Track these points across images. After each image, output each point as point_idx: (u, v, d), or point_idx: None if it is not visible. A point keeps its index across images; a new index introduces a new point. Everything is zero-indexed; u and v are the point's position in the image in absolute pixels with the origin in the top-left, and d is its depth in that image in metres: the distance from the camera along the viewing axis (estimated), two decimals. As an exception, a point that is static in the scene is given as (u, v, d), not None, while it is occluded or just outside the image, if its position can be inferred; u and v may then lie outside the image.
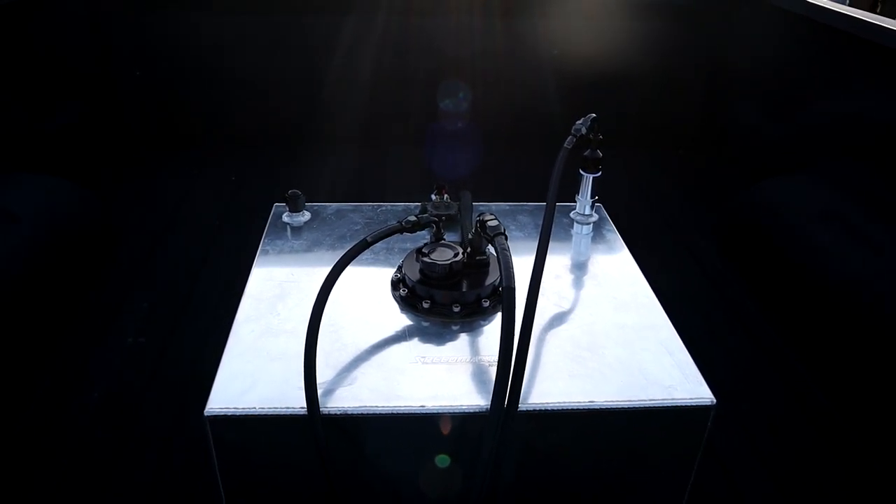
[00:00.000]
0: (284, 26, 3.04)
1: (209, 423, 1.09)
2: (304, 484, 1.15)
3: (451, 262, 1.28)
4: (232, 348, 1.22)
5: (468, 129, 3.23)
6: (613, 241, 1.58)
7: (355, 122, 3.17)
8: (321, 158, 3.07)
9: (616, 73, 3.12)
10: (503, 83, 3.13)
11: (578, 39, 3.06)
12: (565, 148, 1.39)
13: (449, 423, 1.09)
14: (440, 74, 3.11)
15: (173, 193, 2.77)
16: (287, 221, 1.60)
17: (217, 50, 3.05)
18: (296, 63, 3.11)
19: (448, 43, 3.06)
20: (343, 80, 3.12)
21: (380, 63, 3.11)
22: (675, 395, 1.13)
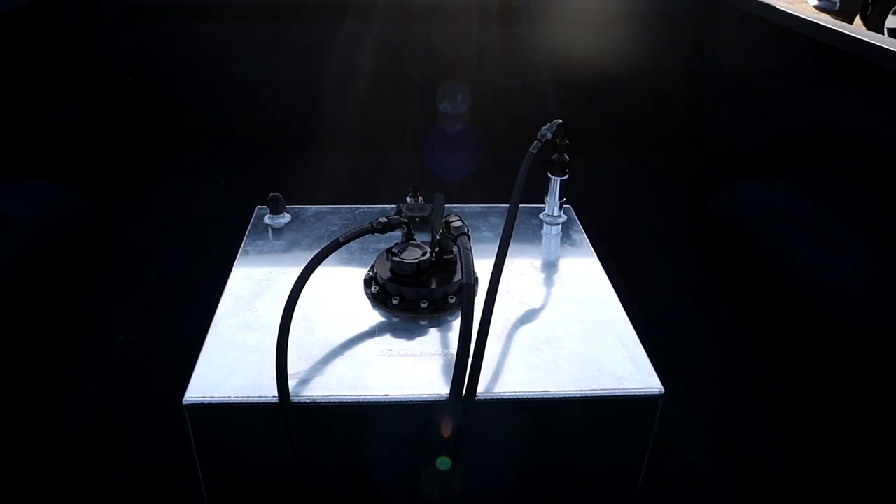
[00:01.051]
0: (280, 33, 3.11)
1: (187, 410, 1.16)
2: (277, 468, 1.22)
3: (418, 260, 1.36)
4: (211, 341, 1.29)
5: (465, 132, 3.30)
6: (580, 241, 1.65)
7: (351, 126, 3.25)
8: (317, 162, 3.14)
9: (598, 79, 3.20)
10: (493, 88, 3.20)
11: (562, 46, 3.13)
12: (530, 153, 1.46)
13: (411, 411, 1.17)
14: (436, 79, 3.18)
15: (168, 197, 2.85)
16: (268, 223, 1.68)
17: (213, 56, 3.12)
18: (291, 68, 3.18)
19: (442, 48, 3.13)
20: (339, 86, 3.19)
21: (375, 68, 3.18)
22: (625, 385, 1.20)
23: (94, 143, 3.08)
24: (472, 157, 3.20)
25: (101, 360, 1.92)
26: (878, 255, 1.88)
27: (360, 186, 2.95)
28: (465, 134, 3.30)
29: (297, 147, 3.24)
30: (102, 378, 1.85)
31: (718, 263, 2.39)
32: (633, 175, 3.16)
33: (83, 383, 1.83)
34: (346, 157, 3.20)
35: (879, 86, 2.13)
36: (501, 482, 1.28)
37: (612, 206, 2.87)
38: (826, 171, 2.27)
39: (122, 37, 3.06)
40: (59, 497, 1.54)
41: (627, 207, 2.87)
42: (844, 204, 2.08)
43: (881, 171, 2.11)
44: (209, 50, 3.11)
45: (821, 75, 2.42)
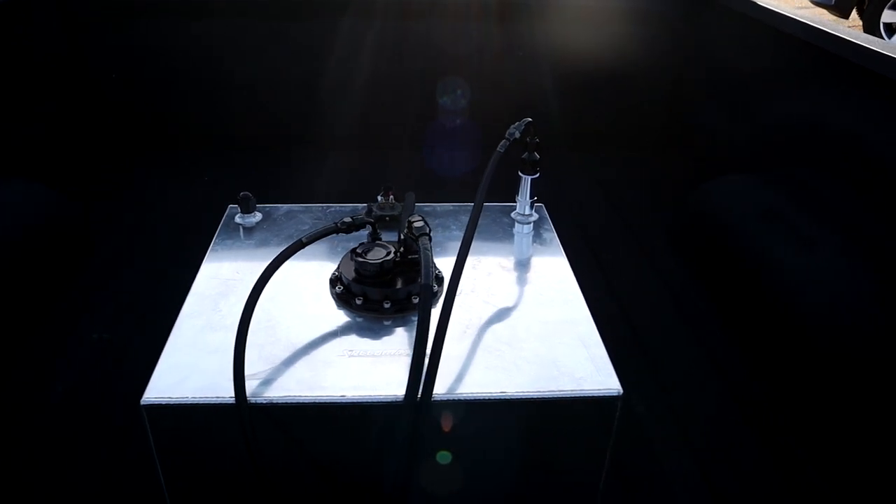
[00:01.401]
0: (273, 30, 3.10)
1: (145, 411, 1.16)
2: (238, 469, 1.22)
3: (382, 260, 1.36)
4: (173, 342, 1.29)
5: (464, 129, 3.28)
6: (550, 240, 1.65)
7: (347, 125, 3.23)
8: (313, 161, 3.13)
9: (583, 77, 3.19)
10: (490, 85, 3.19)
11: (550, 43, 3.13)
12: (498, 152, 1.46)
13: (368, 412, 1.17)
14: (434, 77, 3.17)
15: (151, 196, 2.85)
16: (238, 222, 1.68)
17: (199, 53, 3.11)
18: (285, 66, 3.17)
19: (440, 45, 3.12)
20: (334, 83, 3.18)
21: (374, 66, 3.17)
22: (584, 386, 1.20)
23: (76, 141, 3.07)
24: (471, 154, 3.19)
25: (73, 359, 1.92)
26: (853, 255, 1.88)
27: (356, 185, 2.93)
28: (464, 131, 3.29)
29: (290, 146, 3.23)
30: (74, 377, 1.86)
31: (698, 262, 2.39)
32: (619, 172, 3.15)
33: (54, 382, 1.84)
34: (343, 156, 3.19)
35: (862, 86, 2.12)
36: (460, 483, 1.28)
37: (596, 203, 2.87)
38: (807, 170, 2.27)
39: (105, 34, 3.06)
40: (25, 496, 1.55)
41: (612, 204, 2.87)
42: (823, 203, 2.08)
43: (861, 171, 2.10)
44: (195, 47, 3.11)
45: (804, 74, 2.42)
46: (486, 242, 1.62)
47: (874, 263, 1.85)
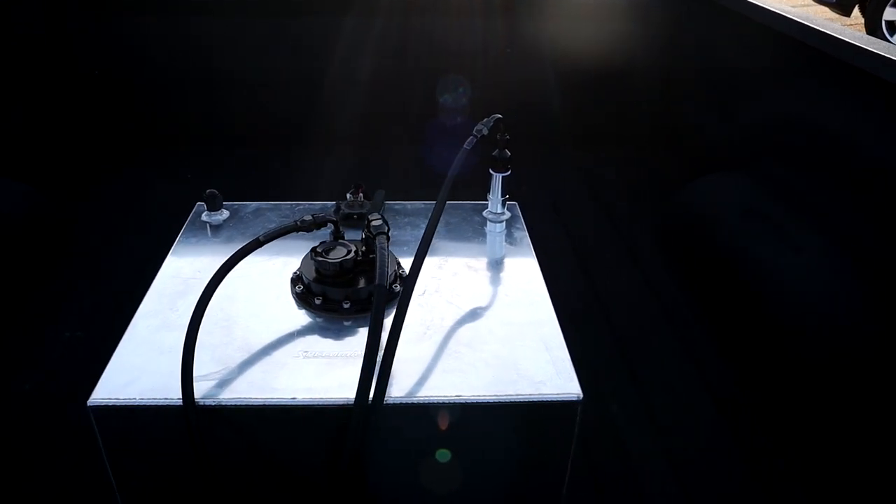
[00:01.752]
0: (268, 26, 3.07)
1: (92, 412, 1.14)
2: (186, 471, 1.20)
3: (341, 260, 1.33)
4: (126, 342, 1.27)
5: (464, 126, 3.24)
6: (521, 239, 1.61)
7: (346, 122, 3.20)
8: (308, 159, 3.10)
9: (570, 72, 3.15)
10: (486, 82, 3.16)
11: (530, 40, 3.09)
12: (464, 149, 1.43)
13: (319, 414, 1.14)
14: (430, 74, 3.13)
15: (133, 195, 2.82)
16: (205, 220, 1.65)
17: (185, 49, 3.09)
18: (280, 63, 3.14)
19: (435, 43, 3.09)
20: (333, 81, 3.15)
21: (372, 63, 3.13)
22: (542, 390, 1.17)
23: (58, 138, 3.05)
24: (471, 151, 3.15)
25: (44, 357, 1.90)
26: (838, 255, 1.84)
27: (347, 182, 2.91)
28: (461, 129, 3.25)
29: (288, 144, 3.19)
30: (43, 375, 1.84)
31: (682, 261, 2.36)
32: (608, 170, 3.12)
33: (22, 379, 1.82)
34: (343, 154, 3.16)
35: (849, 84, 2.08)
36: (418, 489, 1.25)
37: (583, 201, 2.84)
38: (790, 169, 2.23)
39: (91, 29, 3.03)
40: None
41: (599, 202, 2.84)
42: (809, 204, 2.04)
43: (849, 172, 2.06)
44: (187, 44, 3.08)
45: (794, 73, 2.37)
46: (455, 241, 1.59)
47: (859, 264, 1.81)
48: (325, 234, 1.41)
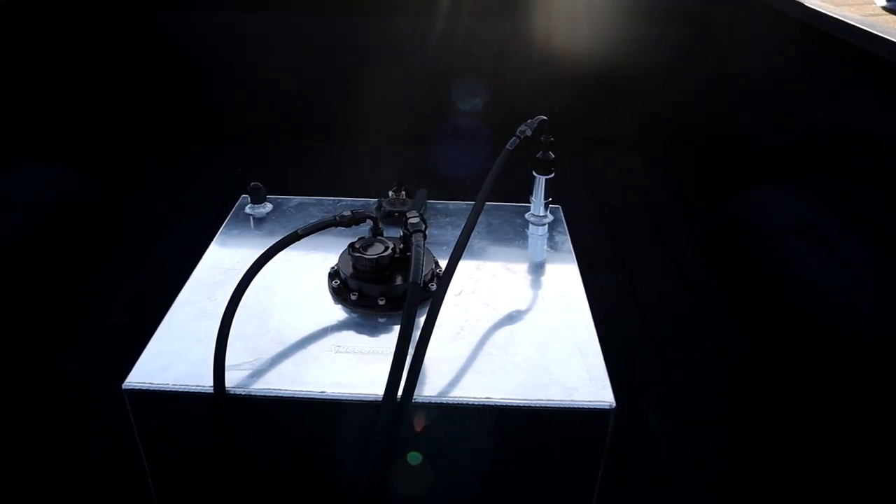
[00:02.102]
0: (305, 25, 3.11)
1: (126, 395, 1.16)
2: (215, 457, 1.21)
3: (378, 256, 1.33)
4: (164, 328, 1.29)
5: (482, 129, 3.24)
6: (562, 243, 1.59)
7: (393, 120, 3.22)
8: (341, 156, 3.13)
9: (620, 76, 3.11)
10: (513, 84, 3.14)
11: (583, 41, 3.05)
12: (507, 150, 1.41)
13: (347, 410, 1.14)
14: (458, 74, 3.13)
15: (183, 185, 2.88)
16: (249, 213, 1.67)
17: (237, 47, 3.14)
18: (317, 61, 3.18)
19: (464, 42, 3.09)
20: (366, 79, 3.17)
21: (406, 62, 3.15)
22: (574, 397, 1.15)
23: (113, 129, 3.12)
24: (489, 154, 3.13)
25: (90, 342, 1.94)
26: (888, 269, 1.76)
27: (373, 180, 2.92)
28: (482, 131, 3.23)
29: (325, 141, 3.22)
30: (88, 357, 1.88)
31: (726, 271, 2.29)
32: (650, 175, 3.07)
33: (68, 360, 1.86)
34: (379, 152, 3.18)
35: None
36: (440, 491, 1.24)
37: (627, 207, 2.80)
38: (845, 181, 2.15)
39: (148, 24, 3.10)
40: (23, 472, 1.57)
41: (643, 209, 2.79)
42: (859, 216, 1.97)
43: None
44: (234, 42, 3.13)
45: (851, 80, 2.29)
46: (495, 243, 1.57)
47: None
48: (367, 230, 1.41)
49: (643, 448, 1.67)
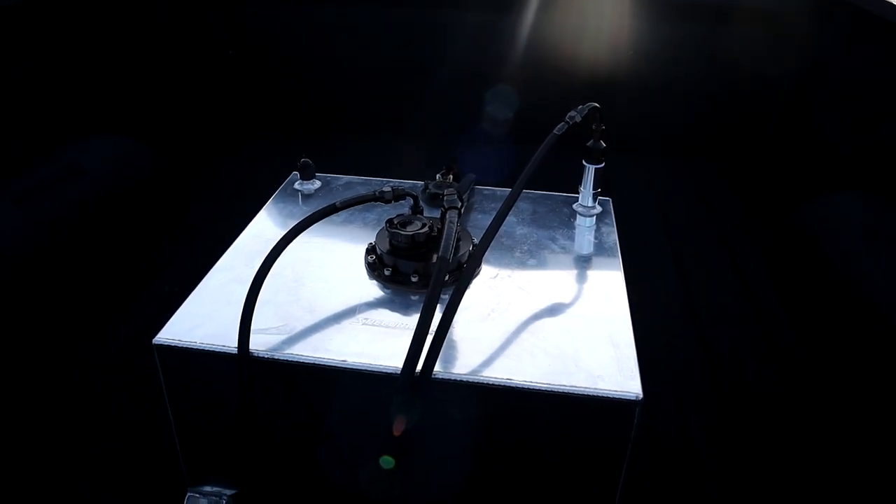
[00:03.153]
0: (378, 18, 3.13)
1: (156, 350, 1.18)
2: (235, 418, 1.22)
3: (414, 233, 1.32)
4: (199, 291, 1.32)
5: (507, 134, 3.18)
6: (607, 235, 1.55)
7: (453, 114, 3.21)
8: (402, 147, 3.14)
9: (693, 79, 3.02)
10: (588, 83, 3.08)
11: (653, 42, 2.98)
12: (554, 134, 1.38)
13: (366, 380, 1.13)
14: (545, 72, 3.08)
15: (245, 169, 2.94)
16: (298, 189, 1.69)
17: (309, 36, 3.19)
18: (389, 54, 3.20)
19: (548, 39, 3.04)
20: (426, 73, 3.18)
21: (486, 57, 3.13)
22: (599, 386, 1.11)
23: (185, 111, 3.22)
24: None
25: (142, 307, 2.00)
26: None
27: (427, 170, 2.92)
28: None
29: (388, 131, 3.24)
30: (139, 322, 1.94)
31: (788, 277, 2.19)
32: (720, 179, 2.96)
33: (121, 325, 1.92)
34: (435, 144, 3.18)
35: None
36: (459, 472, 1.21)
37: (689, 208, 2.71)
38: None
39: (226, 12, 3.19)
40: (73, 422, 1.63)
41: (702, 209, 2.70)
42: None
43: None
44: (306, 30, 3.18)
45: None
46: (539, 230, 1.54)
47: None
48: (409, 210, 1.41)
49: (681, 451, 1.61)
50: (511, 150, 3.06)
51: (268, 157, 3.07)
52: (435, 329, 1.08)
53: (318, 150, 3.06)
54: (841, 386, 1.80)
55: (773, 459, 1.61)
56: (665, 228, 2.56)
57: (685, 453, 1.61)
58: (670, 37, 2.97)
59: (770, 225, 2.50)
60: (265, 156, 3.07)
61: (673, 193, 2.85)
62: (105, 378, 1.77)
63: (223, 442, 1.29)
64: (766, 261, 2.33)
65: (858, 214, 2.05)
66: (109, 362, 1.82)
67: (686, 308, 2.11)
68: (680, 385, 1.79)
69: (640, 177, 2.91)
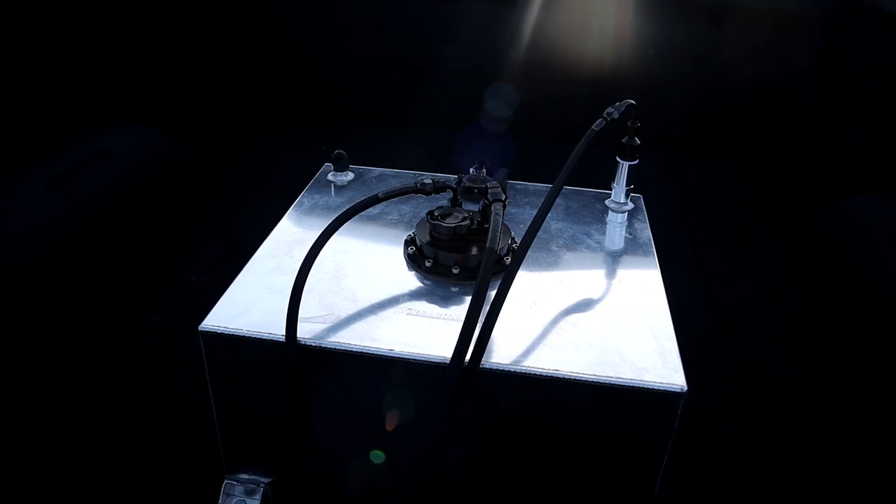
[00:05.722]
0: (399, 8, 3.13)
1: (202, 337, 1.19)
2: (279, 405, 1.23)
3: (456, 225, 1.33)
4: (241, 278, 1.32)
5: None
6: (641, 231, 1.56)
7: (471, 108, 3.21)
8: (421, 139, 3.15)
9: (712, 78, 3.03)
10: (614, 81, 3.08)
11: (677, 42, 2.99)
12: (592, 130, 1.39)
13: (413, 369, 1.14)
14: (579, 69, 3.08)
15: (272, 158, 2.95)
16: (331, 180, 1.70)
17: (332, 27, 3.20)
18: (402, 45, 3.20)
19: (582, 38, 3.04)
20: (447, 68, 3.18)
21: (521, 54, 3.13)
22: (644, 377, 1.12)
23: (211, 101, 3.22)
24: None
25: (171, 295, 2.01)
26: None
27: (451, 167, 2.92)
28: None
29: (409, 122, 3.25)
30: (168, 310, 1.95)
31: (810, 277, 2.20)
32: (739, 178, 2.98)
33: (150, 312, 1.93)
34: (462, 139, 3.18)
35: None
36: (505, 461, 1.23)
37: (710, 208, 2.72)
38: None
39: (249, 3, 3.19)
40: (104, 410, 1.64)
41: (727, 210, 2.71)
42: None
43: None
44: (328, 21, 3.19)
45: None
46: (573, 225, 1.55)
47: None
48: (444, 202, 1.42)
49: (710, 445, 1.62)
50: (511, 145, 3.09)
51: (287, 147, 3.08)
52: (482, 320, 1.09)
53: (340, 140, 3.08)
54: (864, 384, 1.81)
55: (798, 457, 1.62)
56: (683, 223, 2.57)
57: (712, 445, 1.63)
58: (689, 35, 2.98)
59: (790, 224, 2.51)
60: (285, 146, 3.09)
61: (691, 189, 2.86)
62: (134, 365, 1.78)
63: (263, 430, 1.30)
64: (787, 258, 2.35)
65: (883, 217, 2.06)
66: (138, 350, 1.83)
67: (708, 304, 2.12)
68: (706, 380, 1.80)
69: (659, 174, 2.92)
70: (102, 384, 1.71)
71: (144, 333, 1.88)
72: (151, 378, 1.74)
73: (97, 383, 1.72)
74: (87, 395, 1.68)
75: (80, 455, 1.53)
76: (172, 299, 2.01)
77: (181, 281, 2.08)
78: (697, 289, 2.20)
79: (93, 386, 1.71)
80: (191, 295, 2.03)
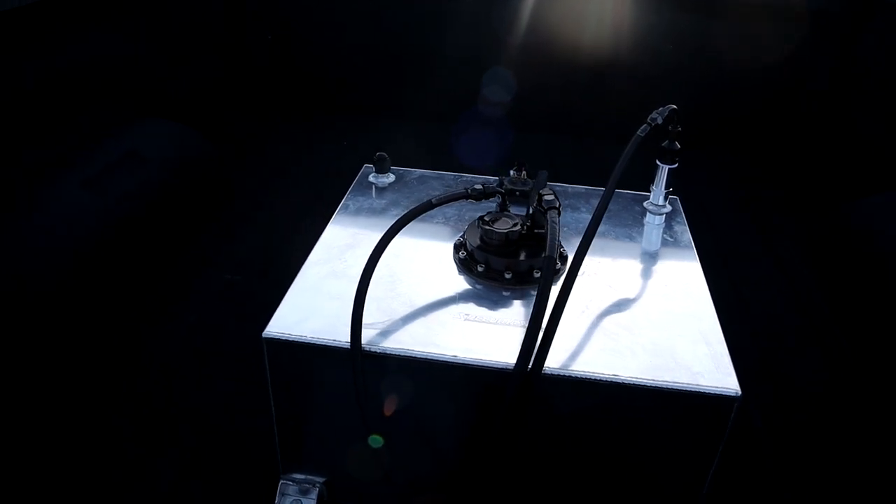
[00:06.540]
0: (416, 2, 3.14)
1: (266, 344, 1.22)
2: (340, 411, 1.26)
3: (507, 231, 1.35)
4: (297, 284, 1.35)
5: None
6: (681, 233, 1.59)
7: (519, 105, 3.22)
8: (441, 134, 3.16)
9: (734, 74, 3.05)
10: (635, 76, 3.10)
11: (700, 39, 3.01)
12: (638, 136, 1.42)
13: (477, 375, 1.17)
14: (601, 65, 3.09)
15: (293, 153, 2.97)
16: (372, 181, 1.72)
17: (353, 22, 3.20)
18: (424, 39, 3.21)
19: (608, 33, 3.05)
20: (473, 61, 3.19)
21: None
22: (699, 382, 1.15)
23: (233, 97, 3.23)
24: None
25: (202, 294, 2.04)
26: None
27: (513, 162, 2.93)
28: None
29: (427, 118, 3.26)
30: (204, 309, 1.98)
31: (833, 275, 2.24)
32: (759, 175, 3.01)
33: (187, 312, 1.96)
34: (490, 134, 3.19)
35: None
36: (558, 463, 1.26)
37: (731, 204, 2.76)
38: None
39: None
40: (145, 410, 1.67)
41: (747, 207, 2.74)
42: None
43: None
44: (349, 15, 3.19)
45: None
46: (614, 228, 1.59)
47: None
48: (487, 206, 1.44)
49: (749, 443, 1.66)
50: (509, 134, 3.11)
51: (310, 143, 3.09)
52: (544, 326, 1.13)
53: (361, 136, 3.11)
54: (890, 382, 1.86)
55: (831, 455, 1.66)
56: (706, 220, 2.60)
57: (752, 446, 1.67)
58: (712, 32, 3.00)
59: (810, 221, 2.54)
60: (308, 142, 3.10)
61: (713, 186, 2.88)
62: (174, 363, 1.80)
63: (319, 431, 1.33)
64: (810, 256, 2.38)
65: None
66: (176, 348, 1.85)
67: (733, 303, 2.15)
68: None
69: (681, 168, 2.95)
70: (143, 383, 1.74)
71: (181, 332, 1.91)
72: (193, 375, 1.77)
73: (137, 382, 1.74)
74: (129, 395, 1.71)
75: (136, 455, 1.56)
76: (207, 298, 2.04)
77: (213, 279, 2.11)
78: (718, 283, 2.23)
79: (133, 385, 1.73)
80: (225, 293, 2.06)
